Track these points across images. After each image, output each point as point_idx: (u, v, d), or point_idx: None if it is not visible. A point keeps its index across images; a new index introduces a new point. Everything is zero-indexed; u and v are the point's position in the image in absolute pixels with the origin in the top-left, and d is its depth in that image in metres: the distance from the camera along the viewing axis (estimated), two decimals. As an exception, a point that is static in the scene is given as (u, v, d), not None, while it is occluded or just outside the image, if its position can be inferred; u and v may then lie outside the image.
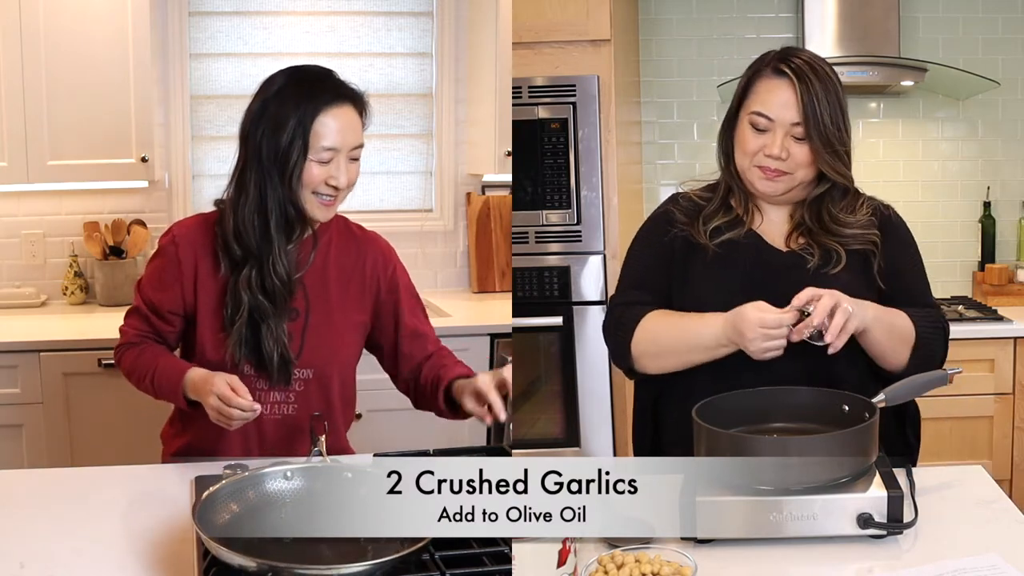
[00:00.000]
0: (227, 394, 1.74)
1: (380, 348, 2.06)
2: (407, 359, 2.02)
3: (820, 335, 1.68)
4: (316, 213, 1.90)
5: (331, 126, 1.85)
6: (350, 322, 1.99)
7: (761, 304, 1.70)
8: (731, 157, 1.89)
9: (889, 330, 1.78)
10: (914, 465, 1.90)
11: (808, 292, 1.68)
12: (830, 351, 1.68)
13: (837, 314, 1.66)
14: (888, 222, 1.91)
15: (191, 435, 1.96)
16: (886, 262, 1.86)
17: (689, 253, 1.89)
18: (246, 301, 1.88)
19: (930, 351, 1.83)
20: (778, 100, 1.79)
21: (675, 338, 1.83)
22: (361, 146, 1.90)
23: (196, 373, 1.85)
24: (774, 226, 1.91)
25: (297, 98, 1.85)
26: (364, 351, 2.07)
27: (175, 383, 1.85)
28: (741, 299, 1.74)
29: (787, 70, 1.79)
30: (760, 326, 1.67)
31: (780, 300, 1.71)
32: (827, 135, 1.78)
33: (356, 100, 1.91)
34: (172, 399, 1.90)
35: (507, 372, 1.77)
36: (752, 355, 1.71)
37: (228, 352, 1.89)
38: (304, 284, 1.96)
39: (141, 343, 1.96)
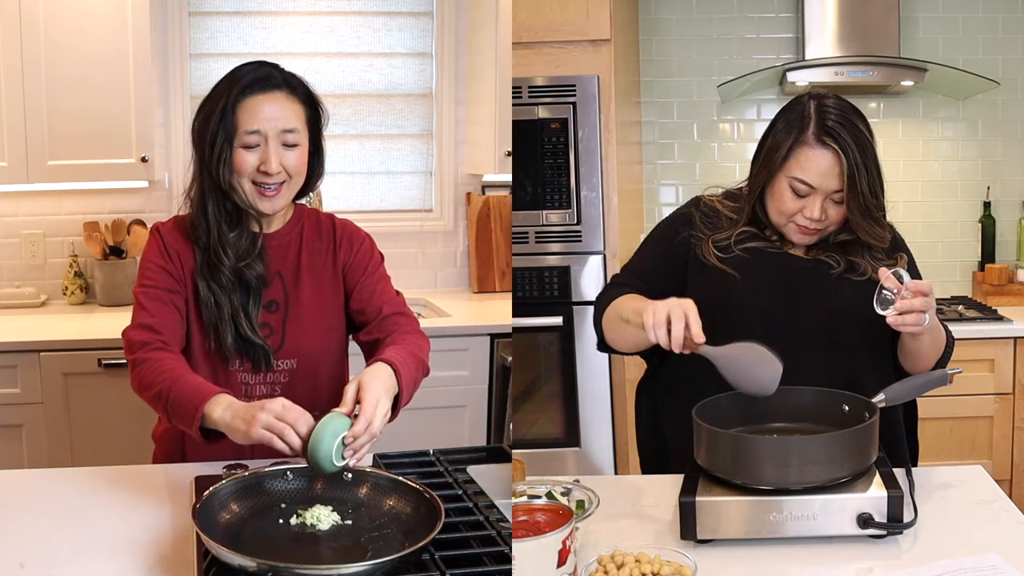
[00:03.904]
0: (279, 411, 1.62)
1: (349, 320, 2.07)
2: (358, 313, 2.03)
3: (889, 302, 1.67)
4: (257, 204, 1.91)
5: (253, 111, 1.86)
6: (328, 310, 2.01)
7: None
8: (764, 209, 1.90)
9: (936, 339, 1.83)
10: (914, 466, 1.91)
11: (926, 283, 1.68)
12: (888, 319, 1.67)
13: (919, 306, 1.66)
14: (894, 241, 1.94)
15: (181, 432, 1.96)
16: None
17: (700, 262, 1.91)
18: (202, 290, 1.90)
19: (946, 360, 1.88)
20: (820, 170, 1.79)
21: (622, 311, 1.84)
22: (294, 131, 1.89)
23: (234, 400, 1.71)
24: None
25: (225, 87, 1.88)
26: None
27: (197, 402, 1.70)
28: (768, 297, 1.78)
29: (832, 144, 1.78)
30: (687, 308, 1.65)
31: (804, 301, 1.73)
32: (865, 204, 1.80)
33: (291, 88, 1.91)
34: (185, 422, 1.72)
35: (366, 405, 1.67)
36: (645, 324, 1.66)
37: (205, 343, 1.91)
38: (282, 277, 1.98)
39: (151, 354, 1.84)
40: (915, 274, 1.94)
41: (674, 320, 1.64)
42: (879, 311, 1.68)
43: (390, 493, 1.59)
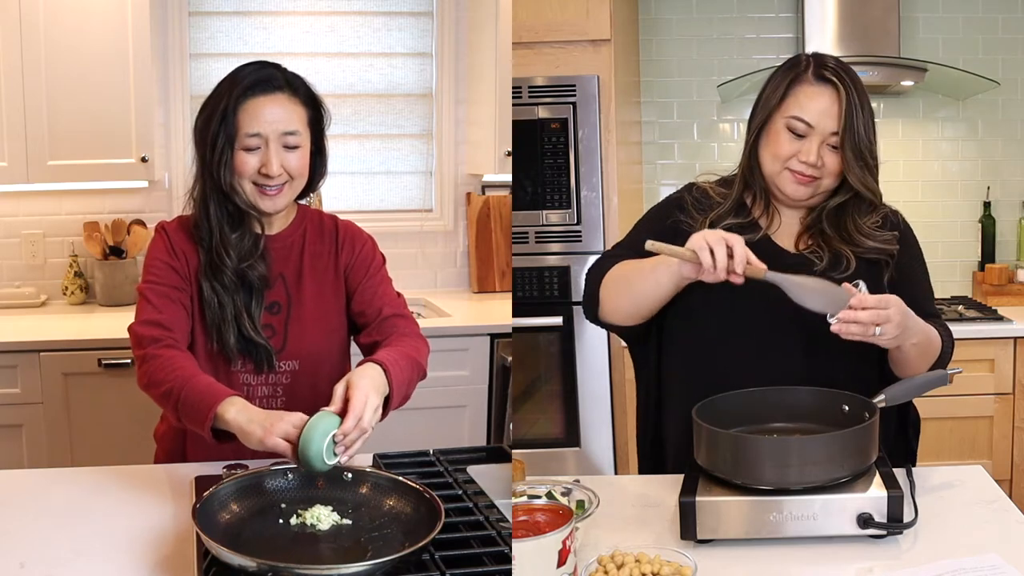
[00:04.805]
0: (297, 422, 1.63)
1: (350, 321, 2.07)
2: (358, 315, 2.03)
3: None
4: (258, 203, 1.91)
5: (254, 113, 1.86)
6: (330, 312, 2.01)
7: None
8: (758, 160, 1.88)
9: (925, 350, 1.80)
10: (912, 462, 1.91)
11: (875, 298, 1.66)
12: (832, 327, 1.66)
13: (864, 319, 1.64)
14: (900, 232, 1.92)
15: (183, 432, 1.96)
16: (898, 272, 1.87)
17: None
18: (206, 290, 1.91)
19: (943, 363, 1.85)
20: (819, 107, 1.79)
21: (634, 267, 1.83)
22: (295, 133, 1.89)
23: (248, 404, 1.71)
24: (786, 227, 1.92)
25: (227, 88, 1.88)
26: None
27: (210, 402, 1.69)
28: (744, 297, 1.74)
29: (832, 78, 1.79)
30: (722, 235, 1.65)
31: (784, 300, 1.71)
32: (859, 147, 1.79)
33: (293, 89, 1.91)
34: (197, 421, 1.71)
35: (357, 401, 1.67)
36: (695, 246, 1.65)
37: (208, 343, 1.91)
38: (284, 278, 1.98)
39: (162, 351, 1.83)
40: (922, 270, 1.93)
41: (735, 243, 1.64)
42: (828, 319, 1.67)
43: (390, 493, 1.59)
